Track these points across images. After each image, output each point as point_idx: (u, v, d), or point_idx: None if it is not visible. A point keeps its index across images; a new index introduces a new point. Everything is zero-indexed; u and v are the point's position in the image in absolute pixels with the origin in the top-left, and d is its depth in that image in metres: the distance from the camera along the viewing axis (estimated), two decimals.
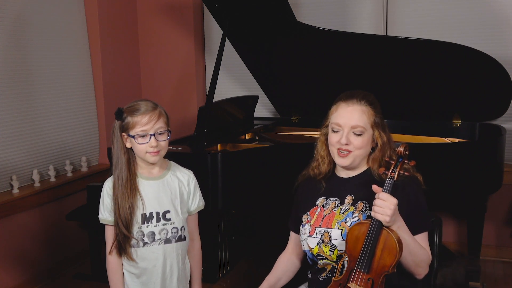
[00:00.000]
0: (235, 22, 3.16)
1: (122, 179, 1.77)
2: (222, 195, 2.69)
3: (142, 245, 1.79)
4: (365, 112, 1.66)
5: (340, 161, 1.69)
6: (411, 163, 1.56)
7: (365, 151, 1.69)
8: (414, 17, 3.64)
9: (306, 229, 1.73)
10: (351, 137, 1.65)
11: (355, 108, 1.66)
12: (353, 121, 1.65)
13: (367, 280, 1.51)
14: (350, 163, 1.68)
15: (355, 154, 1.67)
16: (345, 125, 1.66)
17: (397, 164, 1.55)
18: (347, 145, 1.65)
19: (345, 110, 1.67)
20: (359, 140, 1.65)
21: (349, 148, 1.66)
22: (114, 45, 3.95)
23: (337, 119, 1.68)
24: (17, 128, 3.22)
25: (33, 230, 3.27)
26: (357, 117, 1.65)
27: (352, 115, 1.66)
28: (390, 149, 1.69)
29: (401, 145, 1.56)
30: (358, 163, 1.71)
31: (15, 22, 3.21)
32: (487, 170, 2.90)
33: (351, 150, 1.66)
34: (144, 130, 1.73)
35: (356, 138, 1.65)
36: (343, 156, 1.67)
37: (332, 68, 3.23)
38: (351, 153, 1.66)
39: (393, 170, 1.54)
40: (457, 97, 3.14)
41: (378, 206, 1.49)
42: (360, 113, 1.66)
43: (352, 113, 1.66)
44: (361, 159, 1.70)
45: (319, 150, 1.80)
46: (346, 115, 1.66)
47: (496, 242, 3.58)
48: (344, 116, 1.67)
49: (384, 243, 1.50)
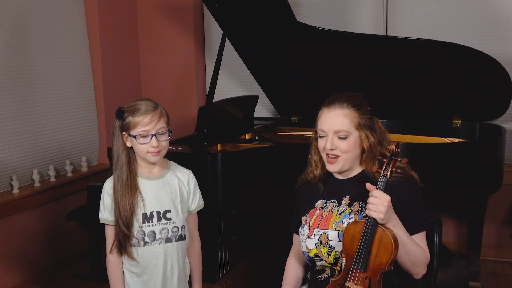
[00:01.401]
0: (235, 22, 3.16)
1: (123, 179, 1.77)
2: (222, 195, 2.69)
3: (143, 244, 1.80)
4: (347, 115, 1.66)
5: (330, 167, 1.71)
6: (404, 160, 1.58)
7: (353, 154, 1.69)
8: (414, 17, 3.65)
9: (305, 231, 1.74)
10: (336, 142, 1.67)
11: (337, 112, 1.67)
12: (336, 125, 1.66)
13: (364, 279, 1.52)
14: (340, 168, 1.70)
15: (344, 158, 1.68)
16: (329, 131, 1.68)
17: (389, 162, 1.56)
18: (333, 150, 1.67)
19: (327, 115, 1.69)
20: (344, 144, 1.66)
21: (336, 153, 1.67)
22: (114, 45, 3.95)
23: (321, 125, 1.70)
24: (17, 128, 3.22)
25: (33, 230, 3.28)
26: (339, 121, 1.66)
27: (334, 120, 1.67)
28: (383, 148, 1.69)
29: (392, 143, 1.57)
30: (350, 166, 1.72)
31: (15, 22, 3.21)
32: (487, 170, 2.90)
33: (339, 154, 1.67)
34: (146, 130, 1.73)
35: (341, 142, 1.67)
36: (331, 162, 1.69)
37: (332, 68, 3.23)
38: (339, 157, 1.68)
39: (386, 168, 1.55)
40: (457, 97, 3.14)
41: (372, 203, 1.50)
42: (342, 117, 1.66)
43: (334, 117, 1.67)
44: (351, 162, 1.70)
45: (312, 155, 1.81)
46: (329, 120, 1.68)
47: (496, 242, 3.58)
48: (327, 122, 1.68)
49: (379, 240, 1.51)
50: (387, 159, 1.56)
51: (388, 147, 1.58)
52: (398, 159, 1.57)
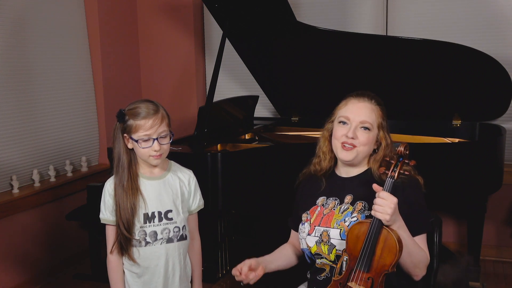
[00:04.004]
0: (235, 22, 3.16)
1: (124, 181, 1.77)
2: (222, 195, 2.69)
3: (144, 244, 1.80)
4: (374, 110, 1.70)
5: (343, 154, 1.70)
6: (411, 162, 1.58)
7: (368, 149, 1.70)
8: (414, 17, 3.64)
9: (305, 228, 1.74)
10: (358, 132, 1.68)
11: (365, 104, 1.70)
12: (363, 116, 1.68)
13: (367, 279, 1.52)
14: (353, 158, 1.69)
15: (359, 150, 1.68)
16: (354, 119, 1.69)
17: (397, 163, 1.56)
18: (353, 139, 1.67)
19: (355, 105, 1.71)
20: (365, 136, 1.67)
21: (354, 143, 1.68)
22: (114, 45, 3.95)
23: (346, 113, 1.71)
24: (17, 128, 3.22)
25: (33, 230, 3.27)
26: (366, 113, 1.69)
27: (362, 111, 1.69)
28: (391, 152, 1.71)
29: (401, 144, 1.57)
30: (360, 162, 1.72)
31: (15, 22, 3.21)
32: (487, 170, 2.90)
33: (356, 145, 1.68)
34: (147, 134, 1.73)
35: (363, 133, 1.68)
36: (347, 149, 1.69)
37: (332, 68, 3.23)
38: (355, 148, 1.68)
39: (393, 169, 1.55)
40: (457, 97, 3.14)
41: (379, 205, 1.49)
42: (370, 110, 1.70)
43: (362, 108, 1.70)
44: (363, 156, 1.71)
45: (321, 146, 1.81)
46: (356, 109, 1.70)
47: (496, 242, 3.58)
48: (353, 111, 1.70)
49: (384, 242, 1.50)
50: (395, 161, 1.56)
51: (397, 149, 1.59)
52: (406, 161, 1.57)
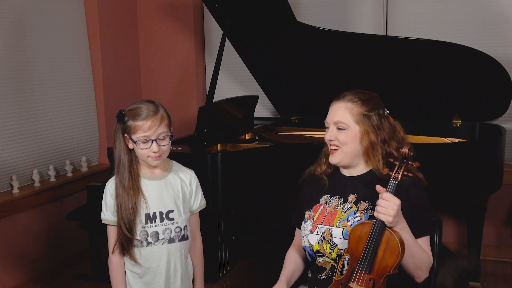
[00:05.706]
0: (235, 22, 3.16)
1: (125, 181, 1.76)
2: (222, 195, 2.69)
3: (146, 245, 1.80)
4: (348, 108, 1.71)
5: (330, 158, 1.75)
6: (415, 164, 1.57)
7: (352, 148, 1.70)
8: (414, 17, 3.65)
9: (308, 225, 1.74)
10: (335, 133, 1.72)
11: (339, 105, 1.73)
12: (336, 117, 1.72)
13: (368, 280, 1.52)
14: (339, 160, 1.72)
15: (343, 151, 1.70)
16: (330, 122, 1.74)
17: (401, 165, 1.55)
18: (332, 140, 1.72)
19: (332, 108, 1.76)
20: (342, 135, 1.70)
21: (336, 144, 1.72)
22: (114, 45, 3.95)
23: (327, 117, 1.76)
24: (17, 128, 3.21)
25: (33, 230, 3.27)
26: (340, 113, 1.71)
27: (336, 112, 1.73)
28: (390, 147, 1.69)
29: (405, 146, 1.57)
30: (350, 161, 1.72)
31: (15, 22, 3.21)
32: (487, 170, 2.90)
33: (338, 145, 1.71)
34: (146, 136, 1.73)
35: (339, 133, 1.71)
36: (332, 152, 1.73)
37: (332, 68, 3.23)
38: (339, 149, 1.71)
39: (397, 171, 1.55)
40: (457, 97, 3.14)
41: (382, 206, 1.49)
42: (343, 109, 1.71)
43: (336, 110, 1.73)
44: (351, 156, 1.71)
45: (325, 148, 1.84)
46: (331, 112, 1.75)
47: (496, 242, 3.58)
48: (330, 114, 1.75)
49: (386, 243, 1.50)
50: (399, 162, 1.56)
51: (401, 150, 1.58)
52: (410, 163, 1.56)
